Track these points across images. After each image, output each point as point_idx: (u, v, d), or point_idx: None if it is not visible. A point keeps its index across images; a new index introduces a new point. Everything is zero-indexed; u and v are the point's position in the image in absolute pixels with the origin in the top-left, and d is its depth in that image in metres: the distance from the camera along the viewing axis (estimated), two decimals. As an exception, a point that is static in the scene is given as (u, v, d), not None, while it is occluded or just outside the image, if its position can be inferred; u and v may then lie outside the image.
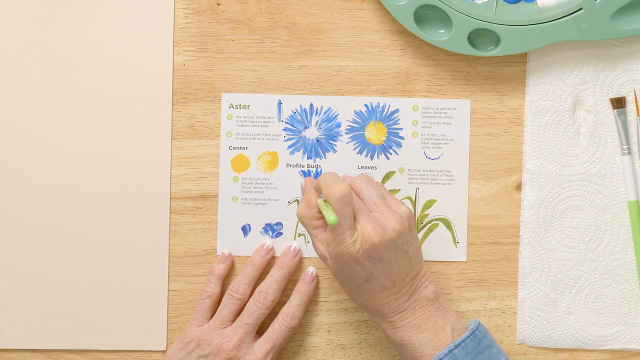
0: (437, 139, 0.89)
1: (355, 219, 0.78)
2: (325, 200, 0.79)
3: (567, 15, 0.86)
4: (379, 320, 0.81)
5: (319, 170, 0.89)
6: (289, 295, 0.88)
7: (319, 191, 0.82)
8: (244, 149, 0.89)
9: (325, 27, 0.89)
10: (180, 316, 0.89)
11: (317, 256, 0.89)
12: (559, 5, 0.87)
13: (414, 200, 0.89)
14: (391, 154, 0.89)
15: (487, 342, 0.80)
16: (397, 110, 0.89)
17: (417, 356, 0.79)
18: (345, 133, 0.89)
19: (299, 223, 0.89)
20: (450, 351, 0.78)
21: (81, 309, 0.89)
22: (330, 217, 0.75)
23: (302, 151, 0.89)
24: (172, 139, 0.89)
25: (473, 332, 0.79)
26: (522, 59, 0.89)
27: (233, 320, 0.86)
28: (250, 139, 0.89)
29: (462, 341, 0.79)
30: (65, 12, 0.88)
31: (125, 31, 0.88)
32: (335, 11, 0.89)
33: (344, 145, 0.89)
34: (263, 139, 0.89)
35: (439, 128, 0.89)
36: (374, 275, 0.78)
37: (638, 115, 0.88)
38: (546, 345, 0.89)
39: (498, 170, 0.89)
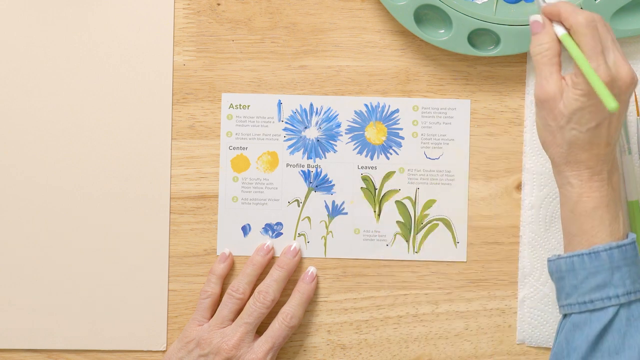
0: (437, 139, 0.89)
1: (606, 51, 0.75)
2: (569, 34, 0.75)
3: (567, 15, 0.86)
4: (577, 181, 0.76)
5: (319, 170, 0.89)
6: (289, 295, 0.88)
7: (550, 17, 0.78)
8: (244, 149, 0.89)
9: (325, 27, 0.89)
10: (180, 316, 0.89)
11: (316, 256, 0.89)
12: (559, 5, 0.87)
13: (414, 200, 0.89)
14: (391, 154, 0.89)
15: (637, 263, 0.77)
16: (397, 110, 0.89)
17: (589, 234, 0.76)
18: (345, 133, 0.89)
19: (299, 223, 0.89)
20: (611, 248, 0.75)
21: (81, 309, 0.89)
22: (611, 103, 0.70)
23: (302, 151, 0.89)
24: (172, 139, 0.89)
25: (634, 241, 0.77)
26: (522, 59, 0.89)
27: (233, 320, 0.86)
28: (250, 139, 0.89)
29: (626, 245, 0.76)
30: (65, 12, 0.88)
31: (125, 31, 0.88)
32: (335, 11, 0.89)
33: (344, 145, 0.89)
34: (263, 139, 0.89)
35: (439, 128, 0.89)
36: (605, 121, 0.75)
37: (638, 115, 0.88)
38: (546, 345, 0.89)
39: (498, 170, 0.89)
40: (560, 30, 0.77)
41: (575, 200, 0.77)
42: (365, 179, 0.89)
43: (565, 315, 0.78)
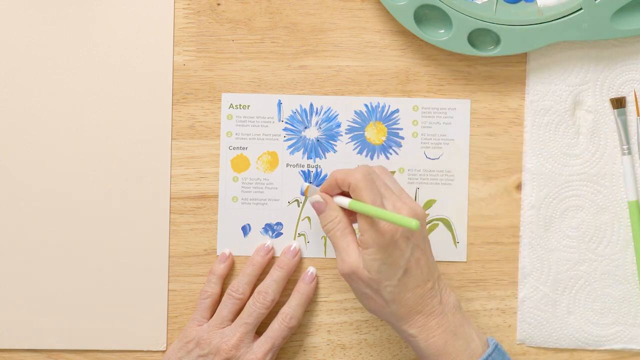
0: (437, 139, 0.89)
1: (383, 198, 0.78)
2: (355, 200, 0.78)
3: (567, 15, 0.86)
4: (416, 330, 0.78)
5: (319, 170, 0.89)
6: (288, 295, 0.88)
7: (330, 192, 0.81)
8: (244, 149, 0.89)
9: (325, 27, 0.89)
10: (180, 316, 0.89)
11: (316, 256, 0.89)
12: (559, 5, 0.87)
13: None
14: (391, 154, 0.89)
15: (508, 357, 0.80)
16: (397, 110, 0.89)
17: None
18: (345, 133, 0.89)
19: (299, 223, 0.89)
20: None
21: (81, 309, 0.89)
22: (412, 222, 0.72)
23: (302, 151, 0.89)
24: (172, 139, 0.89)
25: (496, 346, 0.79)
26: (522, 59, 0.89)
27: (232, 320, 0.86)
28: (250, 139, 0.89)
29: (489, 355, 0.78)
30: (65, 12, 0.88)
31: (125, 31, 0.88)
32: (335, 11, 0.89)
33: (344, 145, 0.89)
34: (263, 139, 0.89)
35: (439, 128, 0.89)
36: (411, 263, 0.77)
37: (638, 115, 0.88)
38: (546, 345, 0.89)
39: (498, 170, 0.89)
40: (344, 201, 0.79)
41: (424, 346, 0.78)
42: (365, 179, 0.89)
43: None
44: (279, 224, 0.89)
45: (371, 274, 0.78)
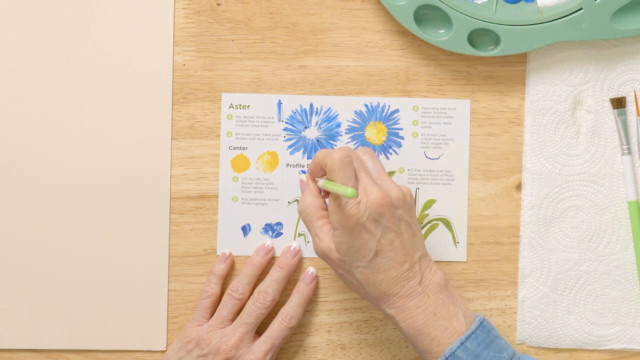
0: (437, 139, 0.89)
1: (358, 181, 0.78)
2: (329, 180, 0.79)
3: (567, 15, 0.86)
4: (394, 311, 0.79)
5: (319, 170, 0.89)
6: (288, 295, 0.88)
7: (316, 173, 0.82)
8: (244, 149, 0.89)
9: (325, 27, 0.89)
10: (180, 316, 0.89)
11: (317, 256, 0.89)
12: (559, 5, 0.87)
13: (414, 200, 0.89)
14: (391, 154, 0.89)
15: (495, 332, 0.79)
16: (397, 110, 0.89)
17: (434, 345, 0.78)
18: (345, 133, 0.89)
19: (299, 223, 0.89)
20: (462, 343, 0.77)
21: (81, 309, 0.89)
22: (348, 190, 0.73)
23: (302, 151, 0.89)
24: (172, 139, 0.89)
25: (481, 323, 0.78)
26: (522, 59, 0.89)
27: (232, 320, 0.86)
28: (250, 139, 0.89)
29: (473, 332, 0.77)
30: (65, 12, 0.88)
31: (125, 31, 0.88)
32: (335, 11, 0.89)
33: (344, 145, 0.89)
34: (263, 139, 0.89)
35: (439, 128, 0.89)
36: (382, 245, 0.77)
37: (638, 115, 0.88)
38: (546, 345, 0.89)
39: (498, 170, 0.89)
40: (321, 182, 0.81)
41: (403, 326, 0.79)
42: (365, 179, 0.89)
43: None
44: (279, 224, 0.89)
45: (341, 255, 0.79)
